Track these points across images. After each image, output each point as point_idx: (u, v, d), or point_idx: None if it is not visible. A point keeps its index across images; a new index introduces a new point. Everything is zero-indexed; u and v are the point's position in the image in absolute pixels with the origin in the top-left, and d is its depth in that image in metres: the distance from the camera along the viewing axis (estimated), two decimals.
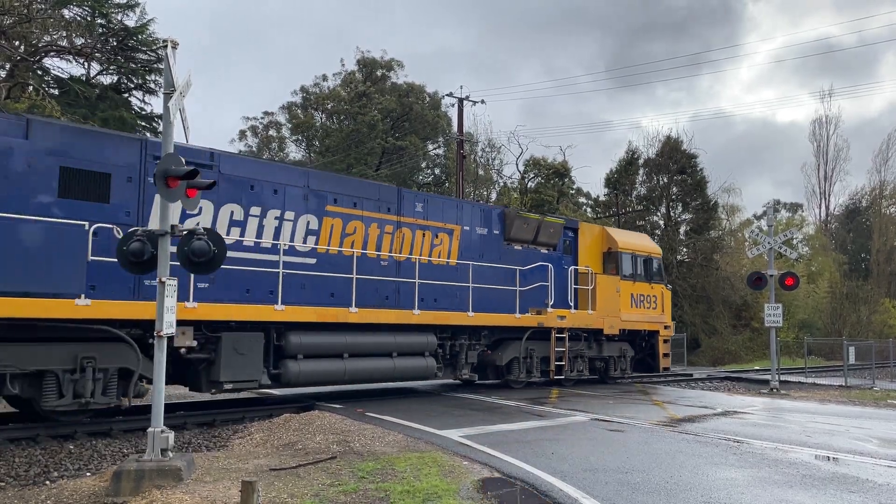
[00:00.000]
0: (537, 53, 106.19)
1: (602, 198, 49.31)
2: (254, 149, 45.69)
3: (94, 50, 23.66)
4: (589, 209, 49.62)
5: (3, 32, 20.52)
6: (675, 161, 44.94)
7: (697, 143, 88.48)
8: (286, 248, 12.17)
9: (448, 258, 15.13)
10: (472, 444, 9.29)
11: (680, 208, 46.43)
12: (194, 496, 6.46)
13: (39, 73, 23.14)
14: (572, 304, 17.20)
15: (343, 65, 46.79)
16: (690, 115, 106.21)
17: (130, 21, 24.75)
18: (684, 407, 14.43)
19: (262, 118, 46.40)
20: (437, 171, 47.39)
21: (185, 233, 7.55)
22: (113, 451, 9.12)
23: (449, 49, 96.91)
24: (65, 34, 22.59)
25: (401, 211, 14.41)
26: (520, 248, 16.84)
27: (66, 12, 22.96)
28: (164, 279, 7.34)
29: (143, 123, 25.95)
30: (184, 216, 10.82)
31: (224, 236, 9.28)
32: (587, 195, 51.18)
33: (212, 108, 79.66)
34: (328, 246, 12.92)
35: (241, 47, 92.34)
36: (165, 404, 7.49)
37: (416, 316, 13.69)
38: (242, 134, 46.04)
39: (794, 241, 49.91)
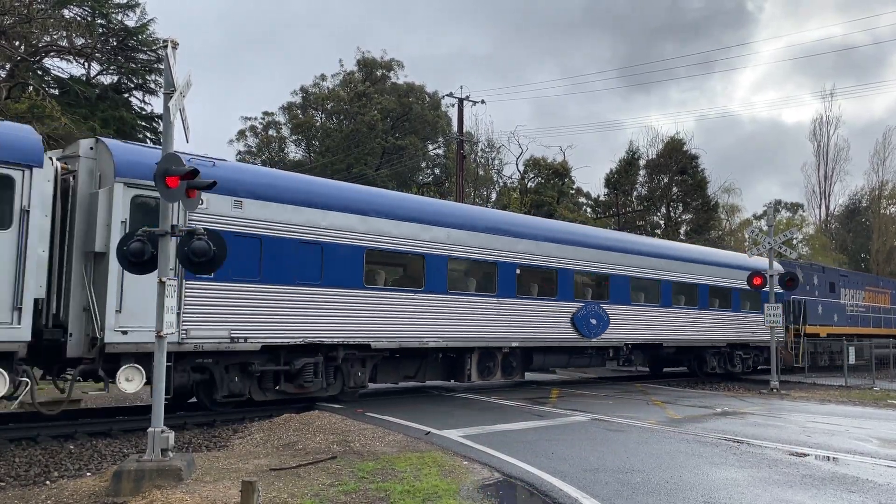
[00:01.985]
0: (553, 54, 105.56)
1: (602, 198, 49.29)
2: (253, 149, 45.62)
3: (94, 50, 23.68)
4: (589, 209, 49.56)
5: (3, 32, 20.52)
6: (676, 161, 44.93)
7: (707, 143, 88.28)
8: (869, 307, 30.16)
9: (889, 304, 32.79)
10: (472, 444, 9.30)
11: (680, 208, 46.40)
12: (194, 496, 6.46)
13: (39, 73, 23.15)
14: None
15: (342, 65, 46.82)
16: (698, 116, 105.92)
17: (130, 21, 24.80)
18: (684, 407, 14.43)
19: (261, 118, 46.38)
20: (436, 171, 47.37)
21: (184, 233, 7.56)
22: (113, 451, 9.11)
23: (464, 50, 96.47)
24: (65, 34, 22.60)
25: (879, 286, 32.46)
26: None
27: (66, 12, 22.97)
28: (164, 279, 7.34)
29: (143, 123, 25.95)
30: (834, 301, 29.01)
31: (839, 301, 28.31)
32: (587, 195, 51.11)
33: (222, 109, 79.45)
34: (872, 303, 30.62)
35: (258, 48, 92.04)
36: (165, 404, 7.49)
37: (890, 330, 31.73)
38: (241, 134, 45.97)
39: (794, 242, 49.90)
